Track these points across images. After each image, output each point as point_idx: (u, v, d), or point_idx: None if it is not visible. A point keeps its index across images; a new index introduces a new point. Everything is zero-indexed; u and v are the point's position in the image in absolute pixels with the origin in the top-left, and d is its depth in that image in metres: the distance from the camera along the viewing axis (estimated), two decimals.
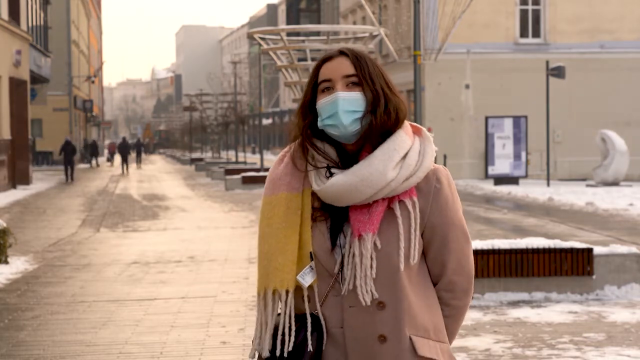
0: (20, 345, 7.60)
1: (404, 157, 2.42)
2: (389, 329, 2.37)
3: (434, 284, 2.49)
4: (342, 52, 2.46)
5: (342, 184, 2.37)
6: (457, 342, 7.43)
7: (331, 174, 2.41)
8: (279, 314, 2.43)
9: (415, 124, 2.55)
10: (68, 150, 36.88)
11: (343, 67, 2.44)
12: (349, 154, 2.45)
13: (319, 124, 2.44)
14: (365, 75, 2.42)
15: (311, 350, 2.36)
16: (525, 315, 8.53)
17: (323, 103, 2.42)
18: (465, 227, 2.51)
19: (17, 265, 12.15)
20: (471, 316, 8.47)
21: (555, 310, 8.76)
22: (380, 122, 2.40)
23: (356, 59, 2.44)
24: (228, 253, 13.28)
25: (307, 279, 2.39)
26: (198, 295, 9.79)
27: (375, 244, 2.37)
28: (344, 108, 2.39)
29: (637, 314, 8.54)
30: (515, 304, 9.09)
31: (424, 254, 2.47)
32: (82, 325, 8.31)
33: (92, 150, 55.35)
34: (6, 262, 12.12)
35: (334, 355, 2.40)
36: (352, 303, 2.38)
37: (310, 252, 2.40)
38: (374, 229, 2.37)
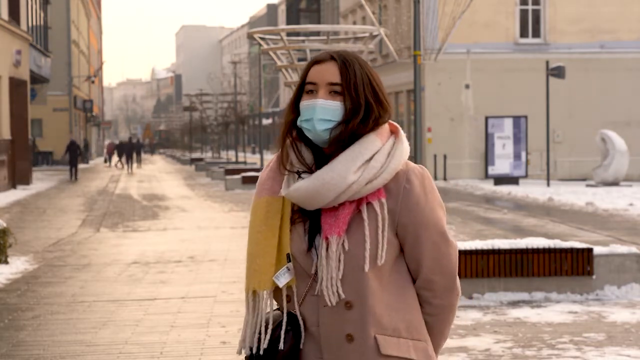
0: (20, 345, 7.60)
1: (370, 159, 2.44)
2: (355, 329, 2.42)
3: (414, 282, 2.51)
4: (332, 57, 2.48)
5: (304, 189, 2.42)
6: (457, 342, 7.44)
7: (302, 179, 2.46)
8: (258, 314, 2.51)
9: (394, 123, 2.56)
10: (73, 150, 37.86)
11: (329, 73, 2.46)
12: (325, 156, 2.49)
13: (298, 122, 2.49)
14: (349, 84, 2.44)
15: (282, 348, 2.43)
16: (525, 315, 8.53)
17: (304, 105, 2.47)
18: (443, 226, 2.49)
19: (17, 265, 12.15)
20: (471, 316, 8.48)
21: (555, 310, 8.76)
22: (351, 130, 2.43)
23: (344, 66, 2.45)
24: (228, 253, 13.28)
25: (281, 279, 2.46)
26: (198, 295, 9.79)
27: (343, 245, 2.41)
28: (320, 116, 2.43)
29: (637, 314, 8.54)
30: (515, 304, 9.09)
31: (403, 253, 2.50)
32: (82, 325, 8.31)
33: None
34: (6, 262, 12.12)
35: (312, 353, 2.46)
36: (325, 303, 2.43)
37: (288, 254, 2.47)
38: (339, 232, 2.41)
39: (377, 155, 2.45)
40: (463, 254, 9.10)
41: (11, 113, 30.32)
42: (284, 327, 2.44)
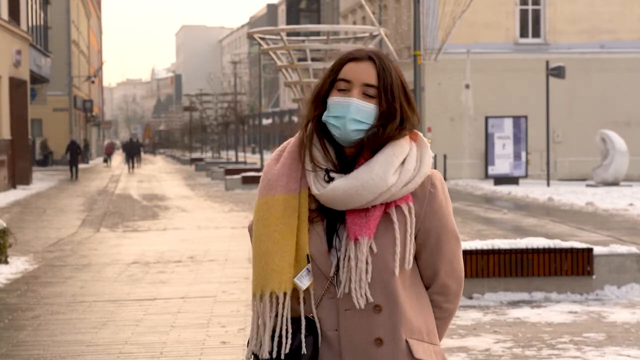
0: (20, 345, 7.60)
1: (403, 162, 2.43)
2: (385, 332, 2.39)
3: (427, 287, 2.50)
4: (370, 57, 2.44)
5: (343, 189, 2.38)
6: (457, 342, 7.44)
7: (330, 178, 2.42)
8: (276, 316, 2.43)
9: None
10: (73, 149, 38.44)
11: (366, 74, 2.42)
12: (347, 157, 2.45)
13: (324, 117, 2.43)
14: (387, 88, 2.42)
15: (305, 353, 2.37)
16: (525, 315, 8.53)
17: (335, 101, 2.42)
18: (457, 231, 2.52)
19: (17, 265, 12.15)
20: (471, 316, 8.48)
21: (555, 310, 8.76)
22: (388, 136, 2.41)
23: (382, 69, 2.42)
24: (228, 253, 13.28)
25: (304, 281, 2.39)
26: (198, 295, 9.79)
27: (371, 248, 2.38)
28: (353, 116, 2.39)
29: (637, 314, 8.54)
30: (515, 304, 9.09)
31: (417, 258, 2.48)
32: (82, 325, 8.31)
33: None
34: (6, 262, 12.11)
35: (329, 358, 2.40)
36: (347, 306, 2.38)
37: (307, 255, 2.41)
38: (370, 234, 2.38)
39: (409, 159, 2.44)
40: (463, 253, 9.08)
41: (11, 113, 30.31)
42: (303, 331, 2.38)
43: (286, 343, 2.38)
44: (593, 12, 34.80)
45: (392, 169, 2.39)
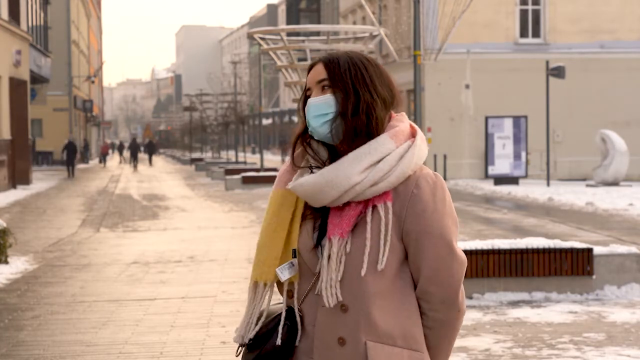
0: (20, 345, 7.60)
1: (379, 161, 2.40)
2: (348, 332, 2.39)
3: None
4: (322, 60, 2.50)
5: (308, 184, 2.41)
6: (457, 342, 7.43)
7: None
8: (276, 304, 2.51)
9: (415, 126, 2.52)
10: (70, 149, 40.51)
11: (317, 73, 2.48)
12: (339, 155, 2.47)
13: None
14: (335, 76, 2.45)
15: (279, 343, 2.41)
16: (525, 315, 8.53)
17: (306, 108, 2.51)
18: (450, 238, 2.42)
19: (17, 265, 12.15)
20: (471, 316, 8.48)
21: (555, 310, 8.76)
22: (351, 125, 2.41)
23: (329, 61, 2.47)
24: (228, 253, 13.28)
25: (284, 273, 2.44)
26: (198, 295, 9.79)
27: (345, 247, 2.39)
28: (313, 113, 2.44)
29: (637, 314, 8.54)
30: (515, 304, 9.09)
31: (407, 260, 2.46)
32: (82, 325, 8.31)
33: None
34: (6, 262, 12.12)
35: (305, 351, 2.44)
36: (323, 303, 2.41)
37: (294, 249, 2.45)
38: (342, 233, 2.38)
39: (388, 158, 2.39)
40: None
41: (11, 113, 30.32)
42: (282, 322, 2.42)
43: (252, 329, 2.46)
44: (593, 12, 34.80)
45: (360, 167, 2.38)
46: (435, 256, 2.40)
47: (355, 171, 2.38)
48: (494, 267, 9.26)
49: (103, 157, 59.92)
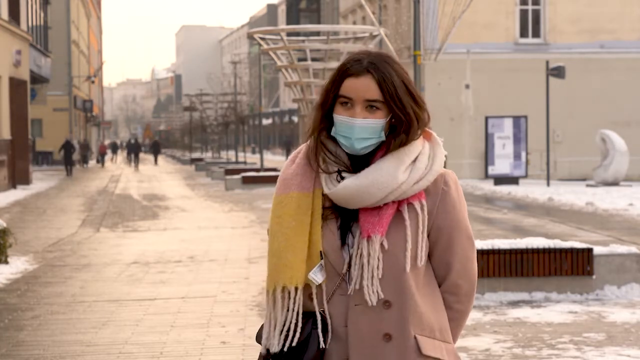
0: (20, 345, 7.60)
1: (414, 160, 2.45)
2: (394, 328, 2.41)
3: (439, 285, 2.52)
4: (368, 70, 2.40)
5: (353, 187, 2.40)
6: (457, 342, 7.42)
7: (342, 178, 2.44)
8: (287, 310, 2.46)
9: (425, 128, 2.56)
10: (67, 149, 42.06)
11: (366, 89, 2.40)
12: (360, 157, 2.47)
13: (333, 132, 2.46)
14: (392, 98, 2.41)
15: (323, 347, 2.40)
16: (525, 315, 8.53)
17: (340, 120, 2.43)
18: (471, 232, 2.55)
19: (17, 265, 12.15)
20: (471, 316, 8.48)
21: (555, 310, 8.76)
22: (389, 141, 2.44)
23: (383, 79, 2.40)
24: (228, 253, 13.28)
25: (318, 276, 2.42)
26: (198, 295, 9.79)
27: (382, 245, 2.40)
28: (359, 136, 2.41)
29: (637, 314, 8.53)
30: (515, 304, 9.09)
31: (430, 256, 2.50)
32: (82, 325, 8.31)
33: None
34: (6, 262, 12.11)
35: (337, 353, 2.42)
36: (358, 302, 2.41)
37: (321, 251, 2.43)
38: (382, 231, 2.41)
39: (421, 157, 2.47)
40: None
41: (11, 113, 30.31)
42: (319, 326, 2.41)
43: (293, 337, 2.41)
44: (593, 12, 34.79)
45: (403, 167, 2.42)
46: (463, 250, 2.52)
47: (399, 170, 2.41)
48: (494, 267, 9.26)
49: (101, 157, 59.84)
